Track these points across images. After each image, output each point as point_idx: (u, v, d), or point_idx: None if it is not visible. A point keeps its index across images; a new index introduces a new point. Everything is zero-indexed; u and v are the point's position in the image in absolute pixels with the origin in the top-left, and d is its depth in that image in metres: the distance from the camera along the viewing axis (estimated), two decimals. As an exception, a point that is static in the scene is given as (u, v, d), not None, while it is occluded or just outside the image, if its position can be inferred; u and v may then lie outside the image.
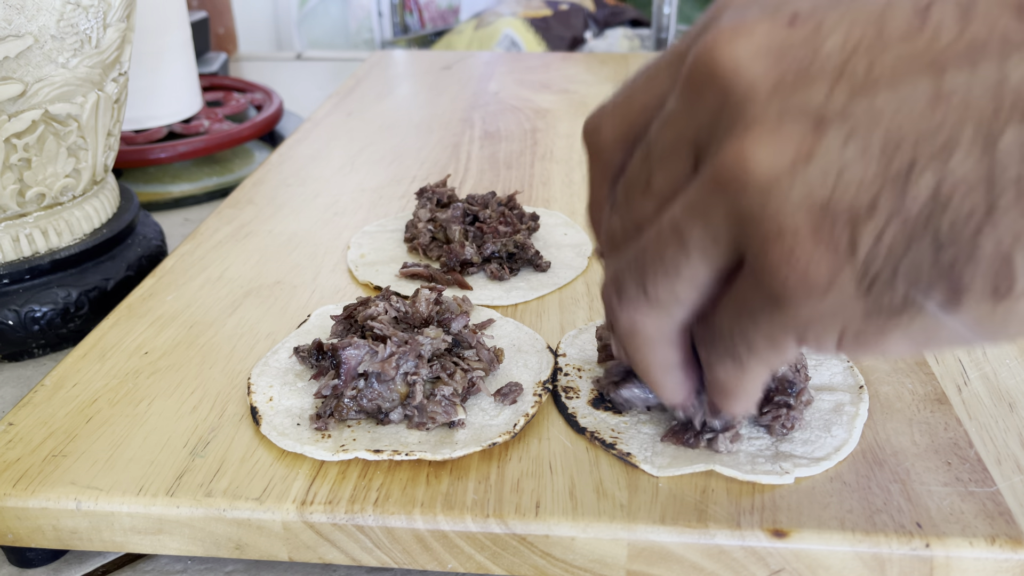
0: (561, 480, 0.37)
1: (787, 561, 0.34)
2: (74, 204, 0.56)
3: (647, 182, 0.27)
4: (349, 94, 0.96)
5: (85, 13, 0.50)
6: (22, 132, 0.49)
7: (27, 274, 0.53)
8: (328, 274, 0.56)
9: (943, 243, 0.21)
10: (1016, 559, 0.34)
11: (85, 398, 0.43)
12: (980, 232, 0.21)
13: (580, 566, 0.36)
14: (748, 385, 0.30)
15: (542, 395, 0.42)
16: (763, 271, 0.24)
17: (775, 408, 0.39)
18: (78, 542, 0.38)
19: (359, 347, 0.41)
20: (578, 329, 0.49)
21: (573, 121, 0.86)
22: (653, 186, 0.27)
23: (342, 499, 0.36)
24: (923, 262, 0.22)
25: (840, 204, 0.22)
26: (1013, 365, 0.45)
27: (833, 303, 0.23)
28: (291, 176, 0.73)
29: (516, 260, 0.56)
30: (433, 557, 0.36)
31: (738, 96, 0.23)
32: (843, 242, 0.22)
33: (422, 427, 0.40)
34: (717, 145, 0.24)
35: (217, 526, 0.37)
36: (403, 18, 1.70)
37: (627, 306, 0.29)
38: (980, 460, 0.38)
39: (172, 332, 0.49)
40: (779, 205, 0.22)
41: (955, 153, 0.21)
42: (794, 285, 0.23)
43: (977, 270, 0.21)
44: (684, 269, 0.26)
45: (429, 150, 0.79)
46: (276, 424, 0.40)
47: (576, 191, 0.69)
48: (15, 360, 0.55)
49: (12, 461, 0.39)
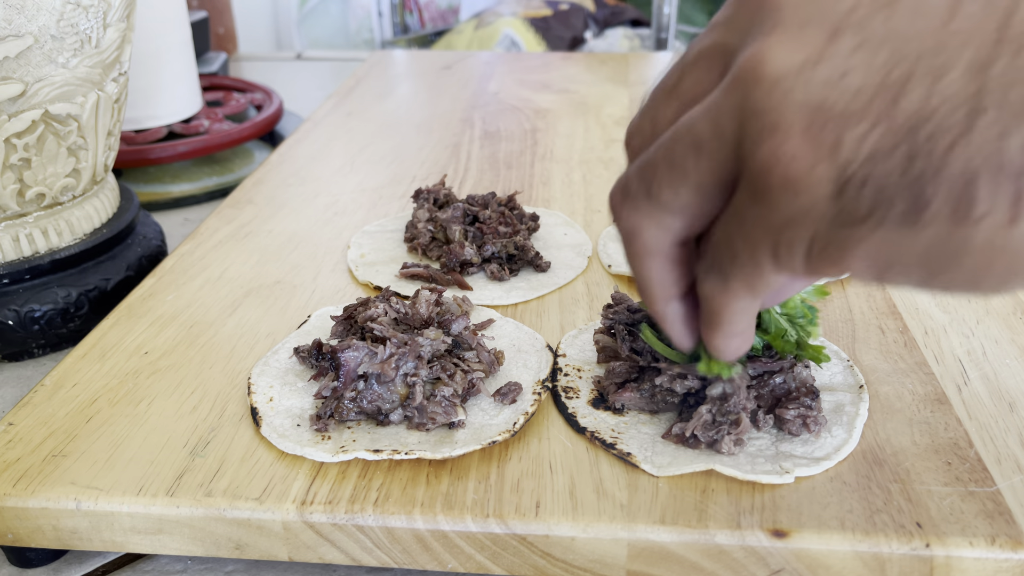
0: (561, 480, 0.37)
1: (787, 561, 0.34)
2: (74, 204, 0.56)
3: (675, 85, 0.28)
4: (349, 94, 0.96)
5: (85, 13, 0.50)
6: (22, 132, 0.49)
7: (27, 274, 0.53)
8: (328, 274, 0.56)
9: (916, 154, 0.22)
10: (1016, 559, 0.34)
11: (85, 398, 0.43)
12: (952, 149, 0.22)
13: (580, 566, 0.36)
14: (732, 307, 0.30)
15: (541, 394, 0.42)
16: (752, 164, 0.24)
17: (802, 408, 0.39)
18: (78, 542, 0.38)
19: (358, 349, 0.41)
20: (578, 329, 0.49)
21: (573, 121, 0.86)
22: (680, 88, 0.28)
23: (342, 499, 0.36)
24: (894, 172, 0.23)
25: (835, 107, 0.23)
26: (1013, 365, 0.45)
27: (807, 202, 0.24)
28: (291, 176, 0.73)
29: (516, 261, 0.56)
30: (433, 557, 0.36)
31: (772, 4, 0.25)
32: (828, 141, 0.23)
33: (422, 428, 0.40)
34: (744, 49, 0.25)
35: (217, 526, 0.37)
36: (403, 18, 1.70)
37: (630, 207, 0.29)
38: (980, 460, 0.38)
39: (172, 332, 0.49)
40: (780, 101, 0.24)
41: (950, 72, 0.22)
42: (777, 179, 0.24)
43: (941, 186, 0.22)
44: (691, 171, 0.27)
45: (429, 150, 0.79)
46: (276, 425, 0.40)
47: (576, 191, 0.69)
48: (15, 360, 0.55)
49: (12, 461, 0.39)
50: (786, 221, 0.25)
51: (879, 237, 0.23)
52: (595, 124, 0.85)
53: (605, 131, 0.83)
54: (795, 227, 0.25)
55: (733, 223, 0.27)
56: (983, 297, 0.52)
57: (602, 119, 0.86)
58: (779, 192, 0.24)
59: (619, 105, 0.91)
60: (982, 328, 0.49)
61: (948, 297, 0.52)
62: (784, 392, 0.40)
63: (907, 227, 0.23)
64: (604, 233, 0.61)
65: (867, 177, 0.23)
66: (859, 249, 0.24)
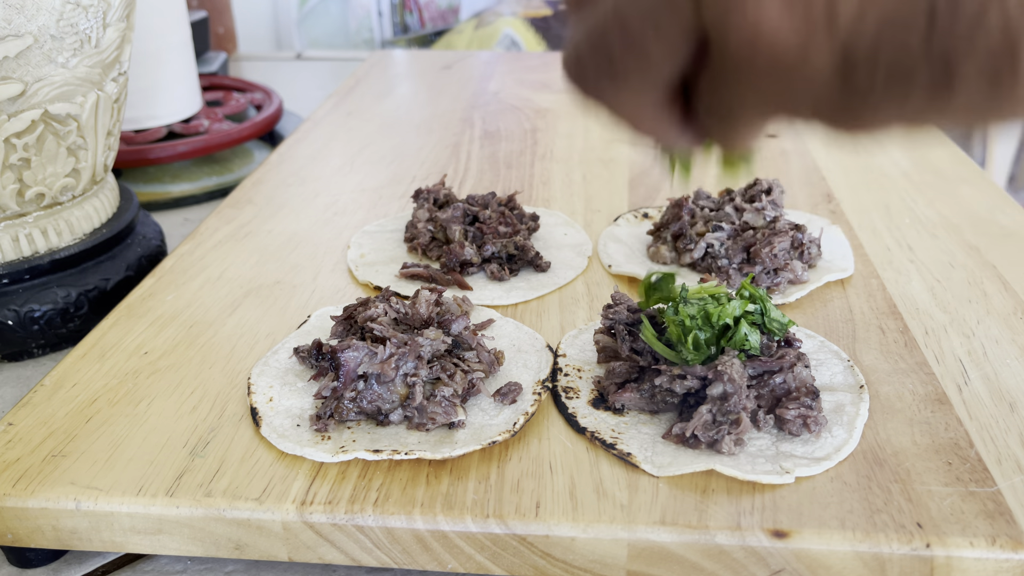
0: (561, 480, 0.37)
1: (787, 561, 0.34)
2: (74, 204, 0.56)
3: None
4: (349, 94, 0.96)
5: (85, 13, 0.50)
6: (22, 132, 0.49)
7: (27, 274, 0.53)
8: (328, 274, 0.56)
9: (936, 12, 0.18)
10: (1016, 559, 0.33)
11: (85, 398, 0.43)
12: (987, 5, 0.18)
13: (580, 566, 0.36)
14: (743, 134, 0.25)
15: (541, 394, 0.42)
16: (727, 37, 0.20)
17: (803, 408, 0.39)
18: (78, 542, 0.38)
19: (358, 349, 0.41)
20: (578, 329, 0.49)
21: (573, 121, 0.86)
22: None
23: (342, 499, 0.36)
24: (912, 39, 0.19)
25: None
26: (1013, 365, 0.45)
27: (805, 78, 0.20)
28: (291, 176, 0.73)
29: (516, 261, 0.56)
30: (433, 557, 0.36)
31: None
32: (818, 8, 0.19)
33: (422, 428, 0.40)
34: None
35: (217, 526, 0.37)
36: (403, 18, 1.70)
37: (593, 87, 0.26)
38: (980, 460, 0.38)
39: (172, 332, 0.49)
40: None
41: None
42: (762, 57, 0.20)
43: (975, 52, 0.18)
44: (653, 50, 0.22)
45: (429, 150, 0.79)
46: (276, 425, 0.40)
47: (576, 191, 0.69)
48: (15, 360, 0.55)
49: (12, 461, 0.39)
50: (783, 93, 0.21)
51: (899, 106, 0.20)
52: (595, 124, 0.85)
53: (605, 131, 0.83)
54: (796, 99, 0.21)
55: (722, 90, 0.23)
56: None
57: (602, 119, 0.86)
58: (768, 69, 0.20)
59: (619, 105, 0.91)
60: (982, 328, 0.49)
61: (948, 297, 0.52)
62: (784, 392, 0.40)
63: (936, 93, 0.19)
64: (604, 233, 0.61)
65: (877, 47, 0.19)
66: (876, 118, 0.20)
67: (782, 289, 0.53)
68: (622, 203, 0.67)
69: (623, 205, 0.66)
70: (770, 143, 0.79)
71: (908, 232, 0.61)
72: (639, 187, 0.70)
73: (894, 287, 0.53)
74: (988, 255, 0.57)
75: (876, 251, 0.58)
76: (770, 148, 0.78)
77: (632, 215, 0.64)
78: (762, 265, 0.53)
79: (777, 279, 0.53)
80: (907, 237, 0.60)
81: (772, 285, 0.53)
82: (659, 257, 0.57)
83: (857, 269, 0.56)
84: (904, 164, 0.73)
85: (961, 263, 0.56)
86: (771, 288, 0.53)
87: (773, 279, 0.53)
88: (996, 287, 0.53)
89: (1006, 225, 0.61)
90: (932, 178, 0.70)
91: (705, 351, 0.41)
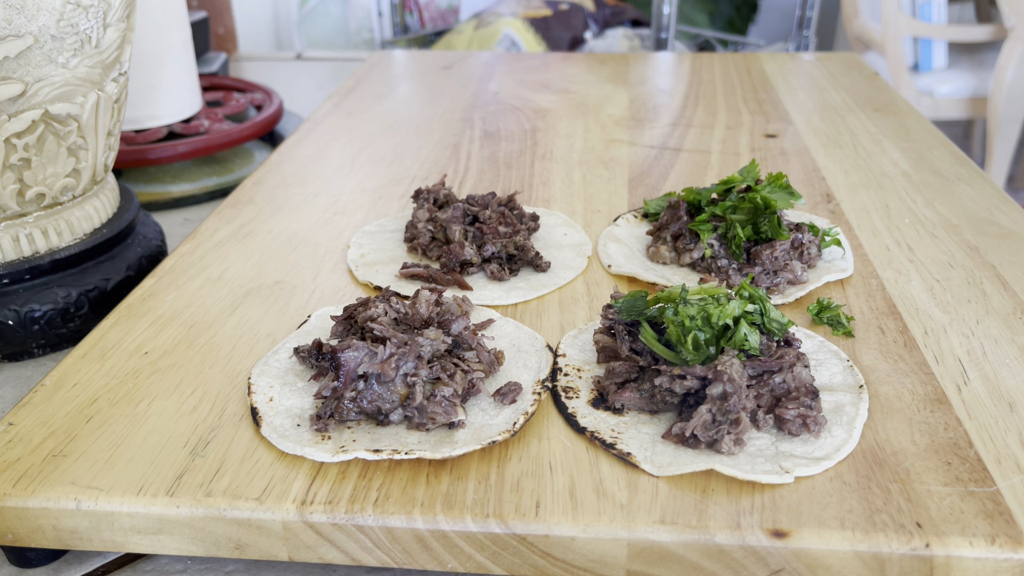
0: (561, 480, 0.37)
1: (787, 561, 0.34)
2: (74, 204, 0.56)
3: None
4: (349, 94, 0.96)
5: (85, 13, 0.50)
6: (22, 132, 0.49)
7: (27, 274, 0.53)
8: (328, 274, 0.56)
9: None
10: (1016, 559, 0.34)
11: (85, 398, 0.43)
12: None
13: (580, 566, 0.36)
14: None
15: (541, 394, 0.42)
16: None
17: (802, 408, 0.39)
18: (78, 542, 0.38)
19: (358, 349, 0.41)
20: (578, 329, 0.49)
21: (573, 121, 0.86)
22: None
23: (342, 499, 0.36)
24: None
25: None
26: (1013, 365, 0.45)
27: None
28: (291, 176, 0.73)
29: (516, 261, 0.56)
30: (433, 557, 0.36)
31: None
32: None
33: (422, 428, 0.40)
34: None
35: (217, 526, 0.37)
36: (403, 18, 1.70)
37: None
38: (980, 460, 0.38)
39: (172, 332, 0.49)
40: None
41: None
42: None
43: None
44: None
45: (429, 150, 0.79)
46: (276, 425, 0.40)
47: (576, 191, 0.69)
48: (15, 360, 0.55)
49: (12, 461, 0.39)
50: None
51: None
52: (595, 124, 0.85)
53: (605, 131, 0.83)
54: None
55: None
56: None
57: (602, 119, 0.86)
58: None
59: (619, 105, 0.91)
60: (982, 328, 0.49)
61: (948, 297, 0.52)
62: (784, 392, 0.40)
63: None
64: (604, 233, 0.61)
65: None
66: None
67: (782, 289, 0.53)
68: (622, 203, 0.67)
69: (623, 205, 0.66)
70: (770, 143, 0.79)
71: (907, 232, 0.61)
72: (639, 187, 0.70)
73: (893, 287, 0.53)
74: (987, 255, 0.57)
75: (876, 251, 0.58)
76: (770, 148, 0.78)
77: (632, 215, 0.64)
78: (762, 266, 0.53)
79: (777, 279, 0.53)
80: (906, 237, 0.60)
81: (772, 285, 0.53)
82: (659, 257, 0.57)
83: (857, 269, 0.56)
84: (904, 164, 0.73)
85: (960, 263, 0.56)
86: (771, 288, 0.53)
87: (773, 279, 0.53)
88: (995, 287, 0.53)
89: (1005, 225, 0.61)
90: (931, 178, 0.70)
91: (705, 351, 0.41)
